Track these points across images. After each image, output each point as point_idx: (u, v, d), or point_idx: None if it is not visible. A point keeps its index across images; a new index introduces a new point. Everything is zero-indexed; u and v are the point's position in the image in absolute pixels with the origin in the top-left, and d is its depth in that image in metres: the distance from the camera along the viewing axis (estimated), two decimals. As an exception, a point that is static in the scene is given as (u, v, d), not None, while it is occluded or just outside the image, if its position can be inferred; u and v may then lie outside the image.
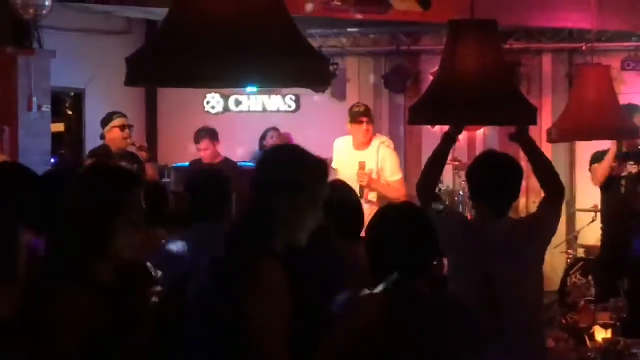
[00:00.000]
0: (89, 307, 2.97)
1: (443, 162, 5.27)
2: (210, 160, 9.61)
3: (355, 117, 8.41)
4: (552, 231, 4.95)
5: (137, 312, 3.14)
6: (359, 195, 8.04)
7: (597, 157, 8.97)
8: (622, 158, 8.82)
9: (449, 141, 5.17)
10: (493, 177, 4.69)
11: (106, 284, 3.07)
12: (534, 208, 10.35)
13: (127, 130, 8.56)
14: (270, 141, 11.22)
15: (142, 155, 8.67)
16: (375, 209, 8.31)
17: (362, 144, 8.41)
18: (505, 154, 5.07)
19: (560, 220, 5.15)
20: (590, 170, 9.14)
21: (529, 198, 10.64)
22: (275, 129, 11.31)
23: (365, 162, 8.22)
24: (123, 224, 3.08)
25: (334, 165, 8.75)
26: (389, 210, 3.77)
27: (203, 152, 9.61)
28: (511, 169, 4.76)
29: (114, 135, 8.57)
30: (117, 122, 8.62)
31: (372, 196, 8.22)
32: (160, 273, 4.34)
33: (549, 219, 4.86)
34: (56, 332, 2.93)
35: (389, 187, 8.34)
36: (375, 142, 8.47)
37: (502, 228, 4.65)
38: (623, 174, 8.78)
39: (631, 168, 8.72)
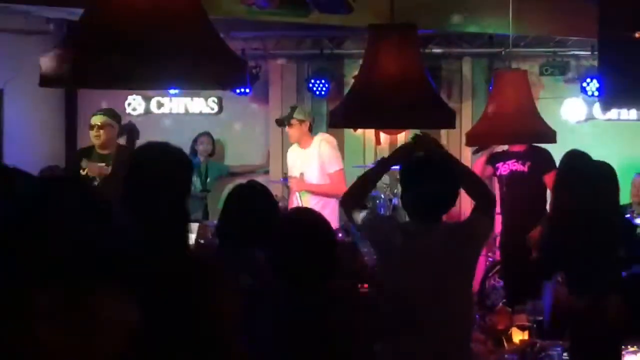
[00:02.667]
0: None
1: (374, 184, 5.27)
2: None
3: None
4: (486, 237, 4.98)
5: None
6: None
7: (496, 156, 9.10)
8: (503, 157, 8.94)
9: (385, 166, 5.14)
10: (428, 184, 4.66)
11: None
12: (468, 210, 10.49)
13: (95, 130, 7.98)
14: (200, 146, 11.19)
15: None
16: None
17: (303, 143, 9.04)
18: (441, 159, 5.03)
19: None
20: None
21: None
22: (206, 134, 11.27)
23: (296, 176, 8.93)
24: None
25: (289, 172, 9.06)
26: (285, 220, 3.89)
27: None
28: (447, 175, 4.74)
29: (91, 135, 8.12)
30: (91, 120, 8.15)
31: (306, 198, 8.80)
32: None
33: (483, 225, 4.86)
34: None
35: (321, 186, 8.88)
36: (317, 139, 9.06)
37: (438, 233, 4.65)
38: (504, 173, 8.89)
39: (513, 166, 8.83)
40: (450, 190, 4.70)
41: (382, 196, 10.01)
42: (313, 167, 8.91)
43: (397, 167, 5.00)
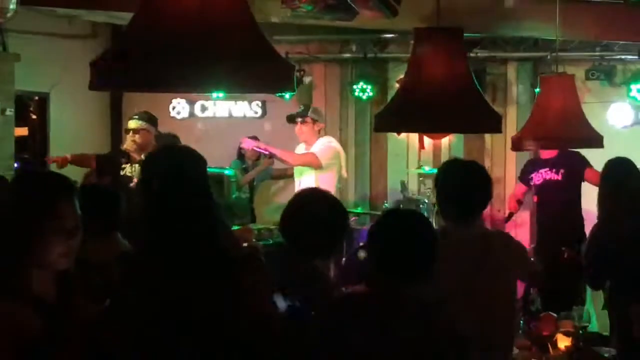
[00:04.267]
0: (21, 319, 2.91)
1: None
2: None
3: (289, 118, 9.08)
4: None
5: (70, 326, 3.04)
6: None
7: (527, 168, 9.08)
8: (535, 166, 8.86)
9: None
10: (463, 185, 4.65)
11: (40, 295, 2.99)
12: (498, 215, 10.45)
13: (131, 134, 8.15)
14: (248, 151, 11.19)
15: None
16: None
17: (309, 145, 8.83)
18: (472, 161, 5.04)
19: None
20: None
21: (493, 206, 10.69)
22: (253, 139, 11.27)
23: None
24: (54, 232, 2.99)
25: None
26: (394, 215, 3.92)
27: None
28: (480, 177, 4.73)
29: (127, 139, 8.28)
30: (127, 124, 8.31)
31: None
32: None
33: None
34: None
35: (285, 153, 8.85)
36: (322, 140, 8.88)
37: (473, 235, 4.62)
38: (538, 183, 8.83)
39: (546, 174, 8.75)
40: (483, 191, 4.68)
41: (426, 201, 9.94)
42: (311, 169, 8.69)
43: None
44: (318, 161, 8.61)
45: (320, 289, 4.01)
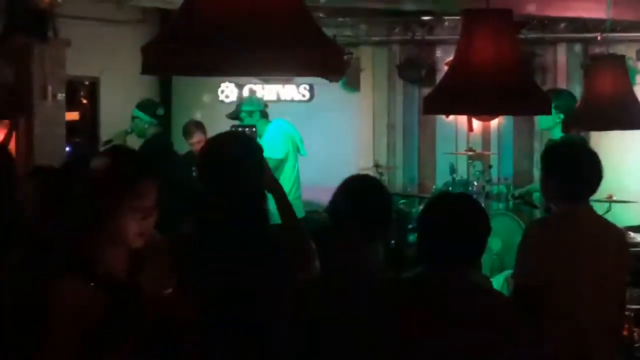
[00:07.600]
0: (86, 298, 2.92)
1: None
2: None
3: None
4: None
5: (136, 307, 3.06)
6: None
7: None
8: None
9: None
10: (579, 165, 4.58)
11: (112, 272, 3.02)
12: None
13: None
14: None
15: None
16: None
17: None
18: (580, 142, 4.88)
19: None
20: None
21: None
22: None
23: None
24: (133, 211, 3.01)
25: None
26: (445, 200, 3.83)
27: (197, 145, 9.33)
28: (594, 156, 4.66)
29: None
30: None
31: None
32: None
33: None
34: (55, 322, 2.90)
35: None
36: (270, 126, 8.27)
37: (590, 215, 4.59)
38: None
39: None
40: (599, 171, 4.64)
41: (475, 183, 9.87)
42: None
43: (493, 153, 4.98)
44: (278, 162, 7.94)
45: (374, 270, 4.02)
